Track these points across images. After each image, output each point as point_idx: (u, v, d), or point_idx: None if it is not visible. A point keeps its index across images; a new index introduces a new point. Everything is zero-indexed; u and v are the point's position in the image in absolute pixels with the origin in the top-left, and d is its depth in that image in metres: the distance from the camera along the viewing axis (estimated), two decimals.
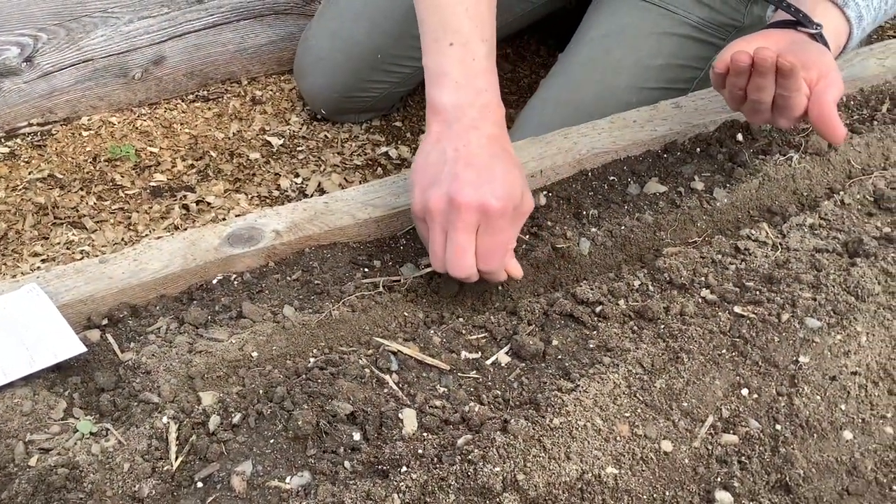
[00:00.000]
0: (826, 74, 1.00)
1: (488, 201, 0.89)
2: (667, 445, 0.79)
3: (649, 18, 1.40)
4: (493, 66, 0.98)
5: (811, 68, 0.99)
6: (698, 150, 1.14)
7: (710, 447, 0.79)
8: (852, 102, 1.22)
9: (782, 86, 0.98)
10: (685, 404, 0.82)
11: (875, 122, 1.18)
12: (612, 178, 1.11)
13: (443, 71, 0.96)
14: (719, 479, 0.78)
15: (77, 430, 0.81)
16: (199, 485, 0.76)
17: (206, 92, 1.76)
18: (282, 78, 1.81)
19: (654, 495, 0.76)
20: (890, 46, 1.30)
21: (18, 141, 1.62)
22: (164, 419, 0.81)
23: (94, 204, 1.51)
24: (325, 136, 1.68)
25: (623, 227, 1.04)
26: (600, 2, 1.48)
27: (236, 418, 0.80)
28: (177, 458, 0.78)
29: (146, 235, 1.46)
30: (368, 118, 1.71)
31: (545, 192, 1.09)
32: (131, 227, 1.48)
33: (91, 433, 0.81)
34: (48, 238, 1.45)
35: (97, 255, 1.40)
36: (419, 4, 1.00)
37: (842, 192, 1.07)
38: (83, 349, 0.87)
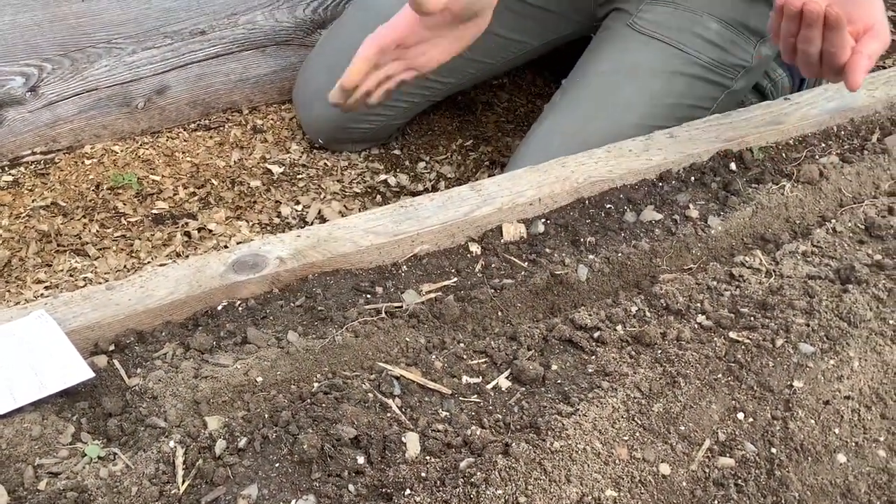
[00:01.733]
0: (870, 27, 1.04)
1: None
2: (665, 468, 0.80)
3: (661, 57, 1.41)
4: None
5: (857, 21, 1.03)
6: (693, 178, 1.16)
7: (707, 470, 0.81)
8: (843, 132, 1.25)
9: (828, 39, 1.02)
10: (682, 428, 0.84)
11: (865, 152, 1.21)
12: (608, 205, 1.13)
13: None
14: (716, 502, 0.79)
15: (85, 455, 0.82)
16: None
17: (207, 121, 1.78)
18: (282, 107, 1.83)
19: None
20: (878, 78, 1.33)
21: (22, 169, 1.64)
22: (171, 443, 0.82)
23: (97, 231, 1.53)
24: (325, 164, 1.71)
25: (620, 254, 1.06)
26: (608, 33, 1.48)
27: (242, 442, 0.82)
28: (183, 481, 0.79)
29: (148, 262, 1.47)
30: (366, 148, 1.73)
31: (543, 220, 1.11)
32: (133, 255, 1.49)
33: (99, 457, 0.82)
34: (51, 265, 1.46)
35: (100, 282, 1.42)
36: None
37: (833, 221, 1.10)
38: (91, 374, 0.88)
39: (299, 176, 1.67)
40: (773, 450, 0.83)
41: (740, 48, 1.44)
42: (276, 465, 0.80)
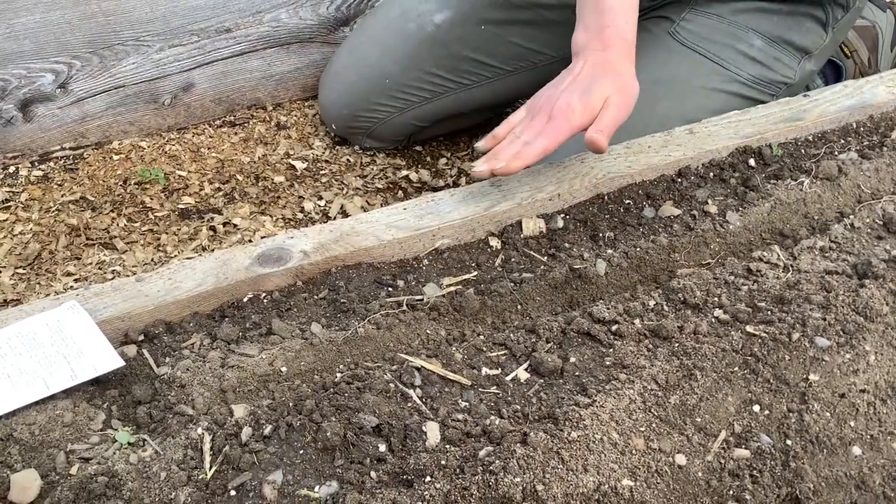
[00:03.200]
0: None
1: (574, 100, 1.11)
2: (681, 459, 0.82)
3: (701, 73, 1.40)
4: (622, 4, 1.17)
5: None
6: (711, 174, 1.18)
7: (722, 461, 0.82)
8: (862, 129, 1.25)
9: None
10: (699, 419, 0.85)
11: (885, 148, 1.21)
12: (627, 201, 1.15)
13: (581, 17, 1.19)
14: (731, 493, 0.80)
15: (115, 441, 0.85)
16: (233, 493, 0.79)
17: (232, 117, 1.81)
18: (305, 104, 1.86)
19: None
20: None
21: (52, 164, 1.67)
22: (199, 430, 0.84)
23: (125, 225, 1.56)
24: (348, 160, 1.73)
25: (638, 249, 1.07)
26: (647, 38, 1.46)
27: (267, 430, 0.84)
28: (211, 467, 0.82)
29: (175, 256, 1.50)
30: (382, 147, 1.74)
31: (562, 215, 1.12)
32: (160, 248, 1.52)
33: (129, 443, 0.85)
34: (80, 258, 1.50)
35: (128, 275, 1.45)
36: None
37: (852, 216, 1.10)
38: (121, 363, 0.91)
39: (322, 171, 1.70)
40: (789, 442, 0.84)
41: (784, 64, 1.42)
42: (301, 451, 0.82)
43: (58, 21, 1.58)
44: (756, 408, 0.86)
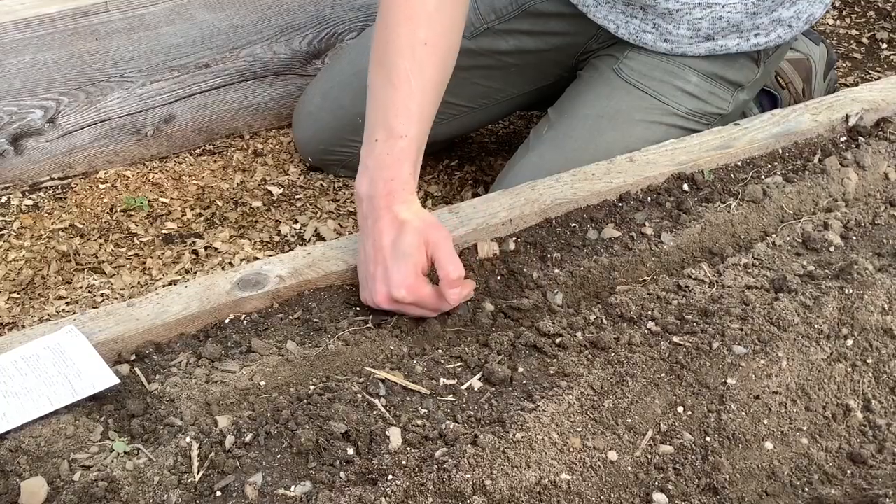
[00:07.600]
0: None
1: (394, 293, 1.07)
2: (612, 455, 0.92)
3: (641, 107, 1.50)
4: (409, 155, 1.14)
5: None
6: (649, 199, 1.29)
7: (649, 456, 0.93)
8: (787, 154, 1.37)
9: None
10: (629, 420, 0.96)
11: (807, 172, 1.33)
12: (573, 224, 1.25)
13: (365, 164, 1.15)
14: (657, 484, 0.91)
15: (113, 450, 0.94)
16: (218, 494, 0.89)
17: (212, 146, 1.91)
18: (281, 132, 1.96)
19: (601, 497, 0.90)
20: (822, 103, 1.45)
21: (41, 194, 1.77)
22: (187, 439, 0.94)
23: (112, 251, 1.66)
24: (321, 185, 1.84)
25: (582, 268, 1.18)
26: (595, 75, 1.57)
27: (248, 437, 0.94)
28: (198, 471, 0.91)
29: (160, 279, 1.60)
30: (348, 175, 1.84)
31: (514, 238, 1.23)
32: (146, 272, 1.62)
33: (125, 452, 0.94)
34: (71, 283, 1.59)
35: (116, 298, 1.55)
36: (367, 99, 1.18)
37: (774, 235, 1.22)
38: (116, 381, 1.00)
39: (297, 196, 1.80)
40: (708, 438, 0.95)
41: (718, 97, 1.54)
42: (278, 456, 0.92)
43: (46, 61, 1.68)
44: (680, 409, 0.97)
